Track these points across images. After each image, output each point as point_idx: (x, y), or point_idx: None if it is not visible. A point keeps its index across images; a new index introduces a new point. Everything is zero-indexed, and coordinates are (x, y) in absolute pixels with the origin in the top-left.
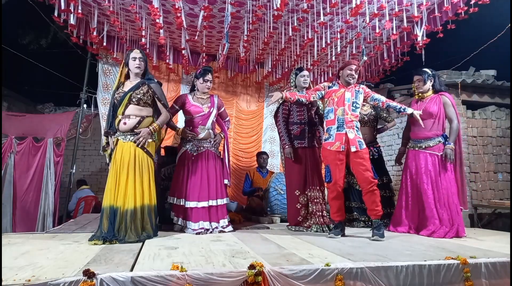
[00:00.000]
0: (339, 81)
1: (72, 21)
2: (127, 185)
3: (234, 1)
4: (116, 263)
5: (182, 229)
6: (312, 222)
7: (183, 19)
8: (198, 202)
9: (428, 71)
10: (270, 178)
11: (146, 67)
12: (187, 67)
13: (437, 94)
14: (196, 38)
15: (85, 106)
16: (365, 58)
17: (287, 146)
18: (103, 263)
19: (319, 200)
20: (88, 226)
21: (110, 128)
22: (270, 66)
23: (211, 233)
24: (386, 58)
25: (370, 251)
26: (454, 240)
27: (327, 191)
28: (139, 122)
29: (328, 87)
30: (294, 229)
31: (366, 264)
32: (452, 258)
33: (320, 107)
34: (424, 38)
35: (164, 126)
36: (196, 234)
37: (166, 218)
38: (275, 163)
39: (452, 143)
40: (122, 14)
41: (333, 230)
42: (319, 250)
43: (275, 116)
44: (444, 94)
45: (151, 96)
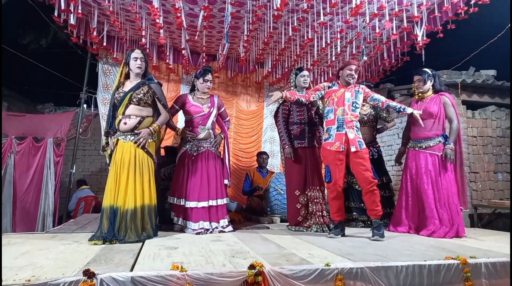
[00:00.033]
0: (339, 81)
1: (72, 21)
2: (127, 185)
3: (234, 1)
4: (116, 263)
5: (182, 229)
6: (312, 222)
7: (183, 19)
8: (198, 202)
9: (428, 71)
10: (270, 178)
11: (146, 67)
12: (187, 67)
13: (437, 94)
14: (196, 38)
15: (85, 106)
16: (365, 58)
17: (287, 146)
18: (103, 263)
19: (319, 200)
20: (88, 226)
21: (110, 128)
22: (270, 66)
23: (211, 233)
24: (386, 58)
25: (370, 251)
26: (454, 240)
27: (327, 191)
28: (139, 122)
29: (328, 87)
30: (294, 229)
31: (366, 264)
32: (452, 258)
33: (320, 107)
34: (424, 38)
35: (164, 126)
36: (196, 234)
37: (166, 218)
38: (275, 163)
39: (452, 143)
40: (122, 14)
41: (333, 230)
42: (319, 250)
43: (275, 116)
44: (444, 94)
45: (151, 96)
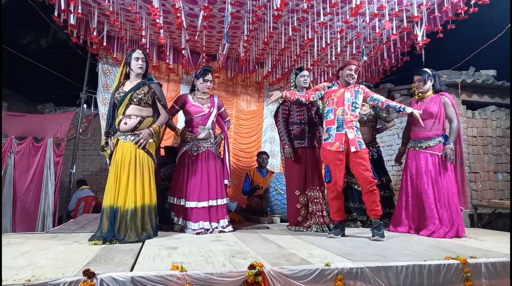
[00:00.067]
0: (339, 81)
1: (72, 21)
2: (127, 185)
3: (234, 1)
4: (116, 263)
5: (182, 229)
6: (312, 222)
7: (183, 19)
8: (198, 202)
9: (428, 71)
10: (270, 178)
11: (147, 67)
12: (187, 67)
13: (437, 94)
14: (196, 38)
15: (85, 106)
16: (365, 58)
17: (287, 146)
18: (103, 263)
19: (319, 200)
20: (88, 226)
21: (110, 128)
22: (270, 66)
23: (211, 233)
24: (386, 58)
25: (370, 251)
26: (454, 240)
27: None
28: (139, 122)
29: (327, 87)
30: (294, 229)
31: (366, 264)
32: (452, 258)
33: (320, 107)
34: (424, 38)
35: (163, 126)
36: (196, 234)
37: (166, 218)
38: (275, 163)
39: (452, 143)
40: (122, 14)
41: (333, 230)
42: (319, 250)
43: (275, 116)
44: (444, 94)
45: (151, 96)
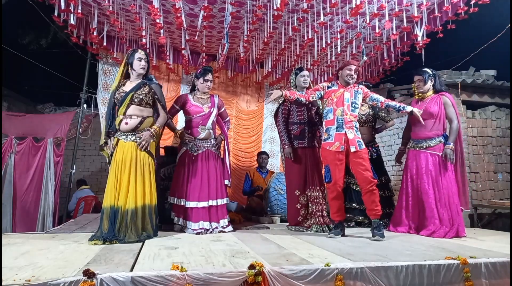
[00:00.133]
0: (338, 81)
1: (72, 21)
2: (128, 185)
3: (234, 1)
4: (116, 263)
5: (182, 229)
6: (312, 222)
7: (183, 19)
8: (198, 202)
9: (428, 71)
10: (270, 178)
11: (149, 68)
12: (187, 67)
13: (437, 94)
14: (196, 38)
15: (85, 106)
16: (365, 58)
17: (286, 146)
18: (103, 263)
19: (319, 200)
20: (88, 226)
21: (110, 127)
22: (270, 66)
23: (211, 233)
24: (386, 58)
25: (370, 251)
26: (454, 240)
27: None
28: (140, 122)
29: (327, 87)
30: (294, 229)
31: (366, 264)
32: (452, 258)
33: (320, 107)
34: (424, 38)
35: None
36: (196, 234)
37: (166, 218)
38: (275, 163)
39: (452, 143)
40: (122, 14)
41: (333, 230)
42: (319, 250)
43: (275, 116)
44: (444, 94)
45: (152, 96)
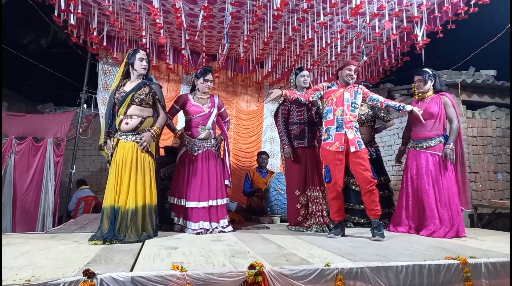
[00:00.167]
0: (338, 81)
1: (72, 21)
2: (129, 185)
3: (234, 1)
4: (116, 263)
5: (182, 229)
6: (312, 222)
7: (183, 19)
8: (199, 202)
9: (428, 71)
10: (270, 178)
11: (149, 68)
12: (187, 67)
13: (437, 94)
14: (196, 38)
15: (85, 106)
16: (365, 58)
17: (286, 146)
18: (103, 263)
19: (319, 200)
20: (88, 226)
21: (110, 127)
22: (270, 66)
23: (211, 233)
24: (386, 58)
25: (370, 251)
26: (454, 240)
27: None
28: (141, 122)
29: (327, 87)
30: (294, 229)
31: (366, 264)
32: (452, 258)
33: (320, 107)
34: (424, 38)
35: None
36: (196, 234)
37: (166, 218)
38: (275, 163)
39: (452, 143)
40: (122, 14)
41: (333, 230)
42: (319, 250)
43: (275, 116)
44: (444, 94)
45: (152, 97)
